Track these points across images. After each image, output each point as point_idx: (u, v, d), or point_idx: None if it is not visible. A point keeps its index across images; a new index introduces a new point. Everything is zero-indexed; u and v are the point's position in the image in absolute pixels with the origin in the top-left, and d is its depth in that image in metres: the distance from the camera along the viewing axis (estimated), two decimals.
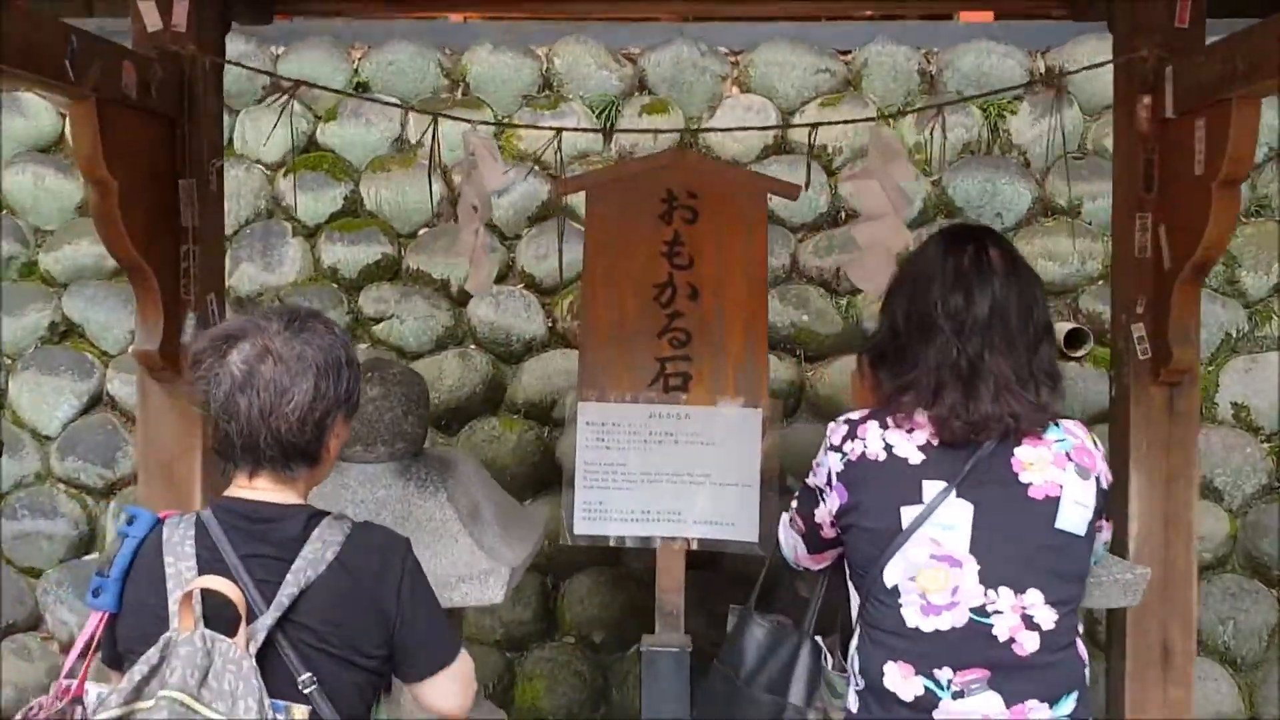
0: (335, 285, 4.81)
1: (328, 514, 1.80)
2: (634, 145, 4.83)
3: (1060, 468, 1.92)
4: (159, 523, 1.79)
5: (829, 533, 2.06)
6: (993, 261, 1.97)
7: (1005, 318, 1.93)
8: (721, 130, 4.50)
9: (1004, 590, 1.86)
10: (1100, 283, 4.68)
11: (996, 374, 1.89)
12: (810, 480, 2.08)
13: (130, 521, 1.79)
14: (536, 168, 4.77)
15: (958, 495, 1.88)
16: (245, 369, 1.72)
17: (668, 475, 3.15)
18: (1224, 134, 2.39)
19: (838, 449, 1.97)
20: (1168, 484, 2.76)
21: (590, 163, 4.82)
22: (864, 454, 1.93)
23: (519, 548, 2.80)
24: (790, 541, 2.21)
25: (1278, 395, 4.48)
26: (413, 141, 4.94)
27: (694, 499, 3.14)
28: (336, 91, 4.67)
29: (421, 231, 4.88)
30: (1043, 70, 4.92)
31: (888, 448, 1.92)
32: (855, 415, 2.02)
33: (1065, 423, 1.98)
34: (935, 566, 1.87)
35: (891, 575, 1.90)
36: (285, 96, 2.85)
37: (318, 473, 1.85)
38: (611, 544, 3.19)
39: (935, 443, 1.91)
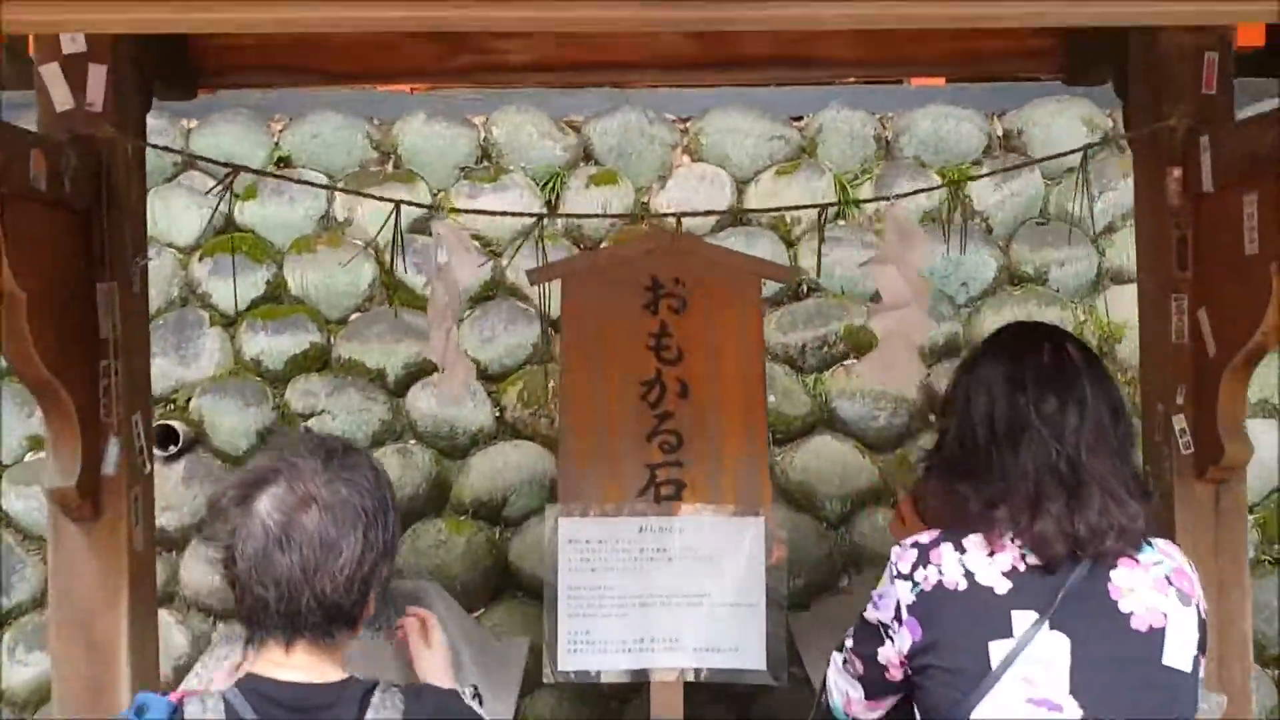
0: (259, 379, 4.38)
1: (374, 685, 1.58)
2: (582, 218, 4.53)
3: (1162, 594, 1.71)
4: (176, 709, 1.52)
5: (895, 675, 1.81)
6: (1076, 359, 1.82)
7: (1099, 419, 1.77)
8: (688, 214, 4.21)
9: None
10: None
11: (1099, 480, 1.72)
12: (870, 614, 1.82)
13: (140, 712, 1.51)
14: (478, 244, 4.43)
15: (1051, 627, 1.67)
16: (282, 519, 1.52)
17: (661, 597, 2.81)
18: None
19: (907, 578, 1.75)
20: (1220, 593, 2.51)
21: (534, 238, 4.48)
22: (940, 583, 1.72)
23: (504, 695, 2.44)
24: (843, 687, 1.93)
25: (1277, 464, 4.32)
26: (340, 219, 4.57)
27: (692, 623, 2.80)
28: (276, 175, 4.27)
29: (353, 317, 4.49)
30: (1000, 134, 4.78)
31: (968, 575, 1.72)
32: (924, 538, 1.79)
33: (1158, 542, 1.78)
34: (1032, 711, 1.65)
35: (984, 713, 1.67)
36: (219, 182, 2.47)
37: (354, 635, 1.64)
38: (602, 679, 2.82)
39: (1022, 568, 1.72)
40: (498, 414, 4.37)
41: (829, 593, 4.18)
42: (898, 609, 1.76)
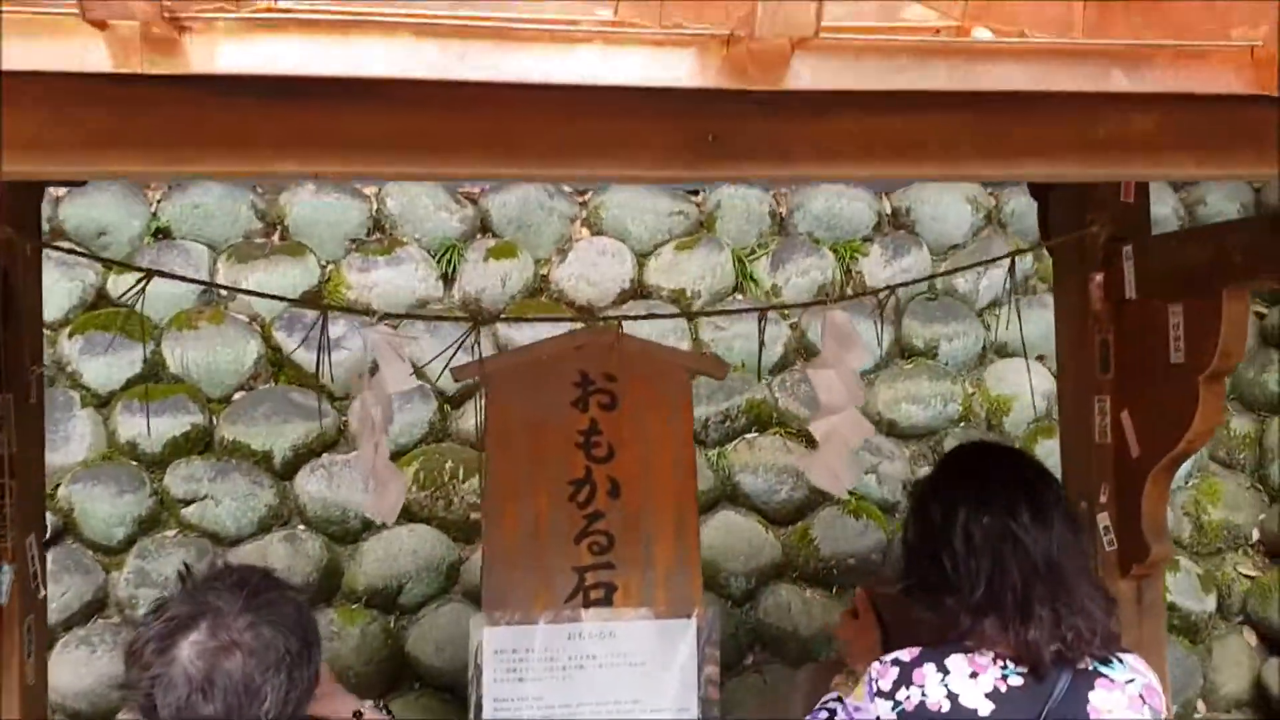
0: (135, 463, 4.12)
1: None
2: (480, 291, 4.43)
3: (1138, 713, 1.77)
4: None
5: None
6: (1037, 472, 1.93)
7: (1066, 524, 1.85)
8: (633, 318, 4.15)
9: None
10: (962, 425, 4.62)
11: (1076, 587, 1.79)
12: (842, 717, 1.87)
13: None
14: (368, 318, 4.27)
15: None
16: (204, 667, 1.50)
17: (591, 705, 2.71)
18: (1212, 326, 2.25)
19: (888, 696, 1.78)
20: None
21: (432, 310, 4.37)
22: (924, 704, 1.75)
23: None
24: None
25: None
26: (223, 293, 4.34)
27: None
28: (197, 283, 4.01)
29: (237, 395, 4.26)
30: (889, 211, 4.88)
31: (951, 696, 1.74)
32: (905, 656, 1.81)
33: (1126, 658, 1.85)
34: None
35: None
36: (134, 286, 2.30)
37: None
38: None
39: (1004, 689, 1.75)
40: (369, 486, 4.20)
41: (733, 672, 4.14)
42: None
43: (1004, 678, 1.77)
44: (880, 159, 1.23)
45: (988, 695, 1.76)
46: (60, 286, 4.19)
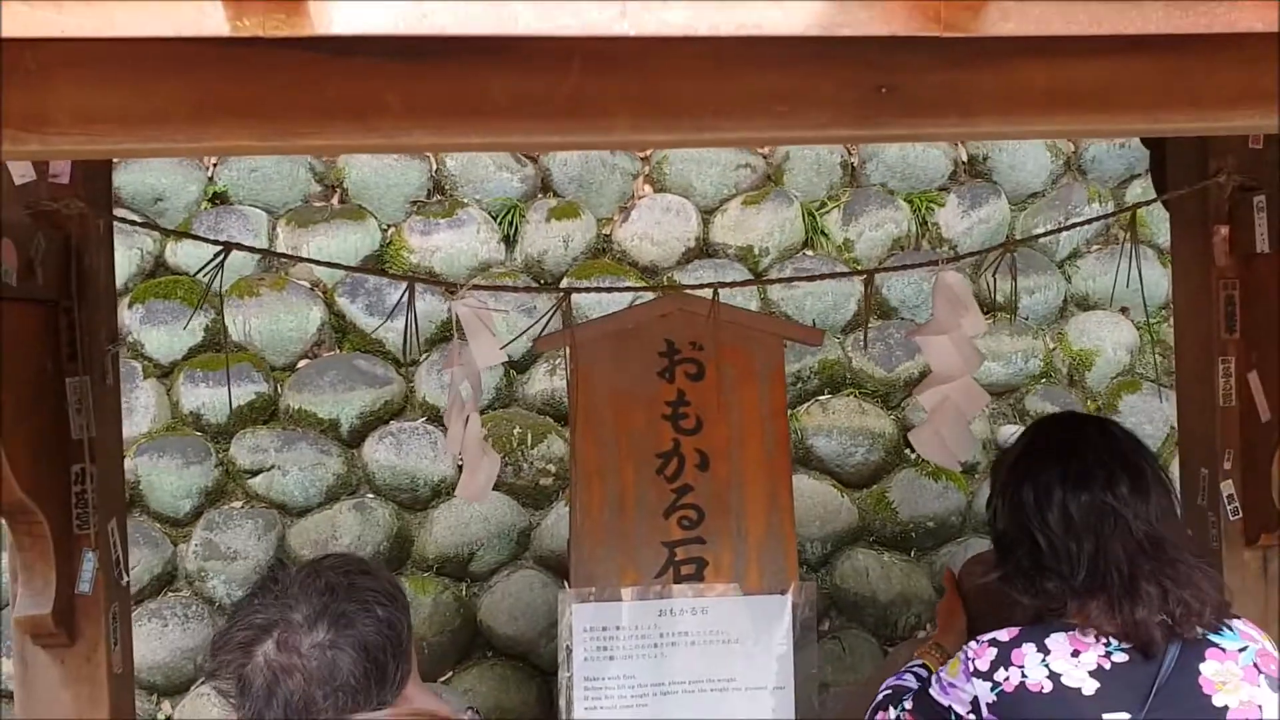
0: (200, 434, 4.06)
1: None
2: (542, 253, 4.31)
3: (1254, 684, 1.66)
4: None
5: None
6: (1124, 440, 1.83)
7: (1168, 498, 1.76)
8: (718, 285, 4.02)
9: None
10: (1043, 381, 4.46)
11: (1178, 551, 1.71)
12: (937, 694, 1.79)
13: None
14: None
15: None
16: (269, 678, 1.49)
17: (684, 685, 2.62)
18: None
19: (986, 676, 1.70)
20: None
21: (494, 274, 4.26)
22: (1024, 684, 1.66)
23: None
24: None
25: None
26: (284, 259, 4.25)
27: (717, 709, 2.62)
28: (272, 254, 3.92)
29: (301, 364, 4.19)
30: (965, 160, 4.70)
31: (1053, 676, 1.66)
32: (1003, 636, 1.73)
33: (1236, 624, 1.74)
34: None
35: None
36: (209, 264, 2.20)
37: None
38: None
39: (1108, 666, 1.66)
40: (460, 463, 4.12)
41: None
42: (975, 706, 1.70)
43: (1108, 655, 1.68)
44: (1071, 110, 1.08)
45: (1091, 674, 1.67)
46: (118, 255, 4.10)
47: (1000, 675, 1.68)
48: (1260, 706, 1.65)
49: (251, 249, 2.67)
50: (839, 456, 4.25)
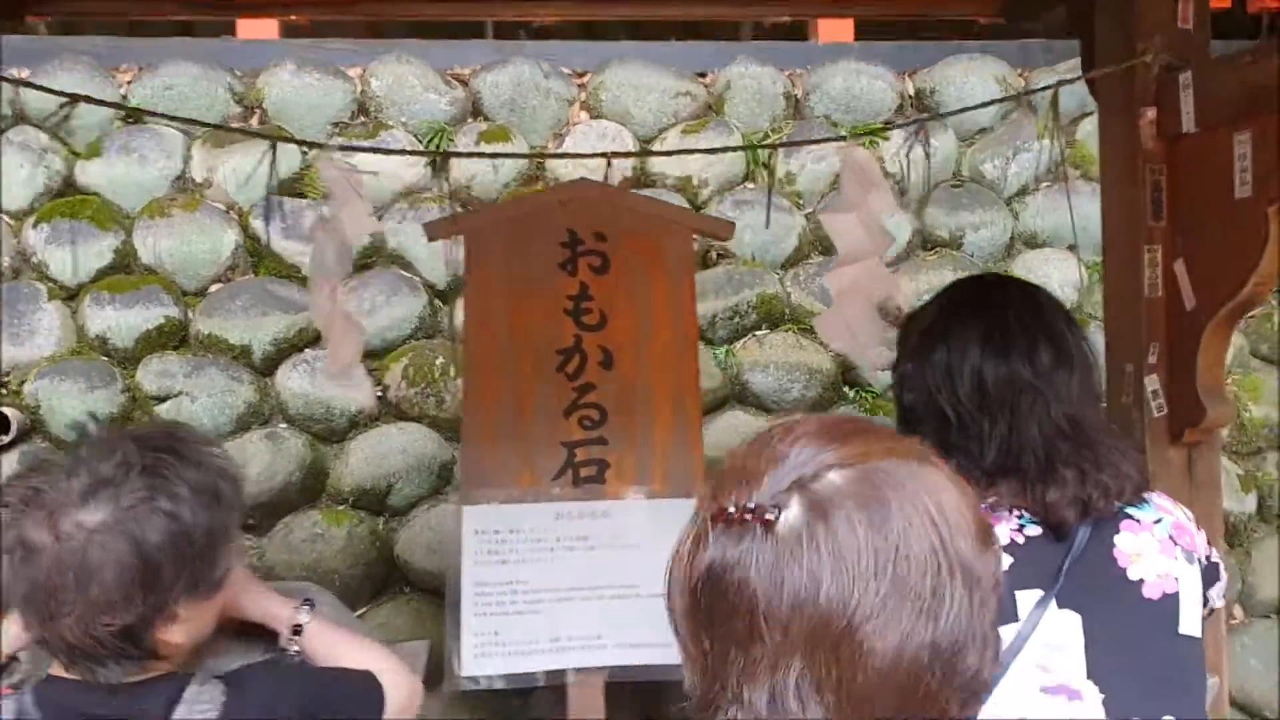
0: (105, 358, 3.88)
1: (190, 677, 1.46)
2: (470, 178, 4.14)
3: (1170, 556, 1.53)
4: None
5: None
6: (1050, 308, 1.66)
7: (1085, 367, 1.61)
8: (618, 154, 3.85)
9: None
10: None
11: (1096, 433, 1.56)
12: None
13: None
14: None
15: (1059, 605, 1.47)
16: (20, 553, 1.37)
17: (581, 591, 2.48)
18: None
19: None
20: None
21: (419, 199, 4.10)
22: None
23: None
24: None
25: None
26: (198, 179, 4.08)
27: (616, 618, 2.48)
28: (126, 109, 3.72)
29: (214, 288, 4.01)
30: (912, 93, 4.57)
31: None
32: None
33: (1152, 496, 1.59)
34: (1048, 703, 1.45)
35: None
36: (60, 113, 2.03)
37: (172, 659, 1.48)
38: (514, 684, 2.48)
39: (1020, 540, 1.50)
40: (380, 393, 3.96)
41: None
42: None
43: (1020, 529, 1.53)
44: None
45: (1005, 549, 1.50)
46: (23, 174, 3.94)
47: None
48: (1176, 579, 1.51)
49: (102, 103, 2.46)
50: (775, 392, 4.11)
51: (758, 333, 4.19)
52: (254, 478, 3.79)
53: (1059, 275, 4.34)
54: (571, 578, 2.47)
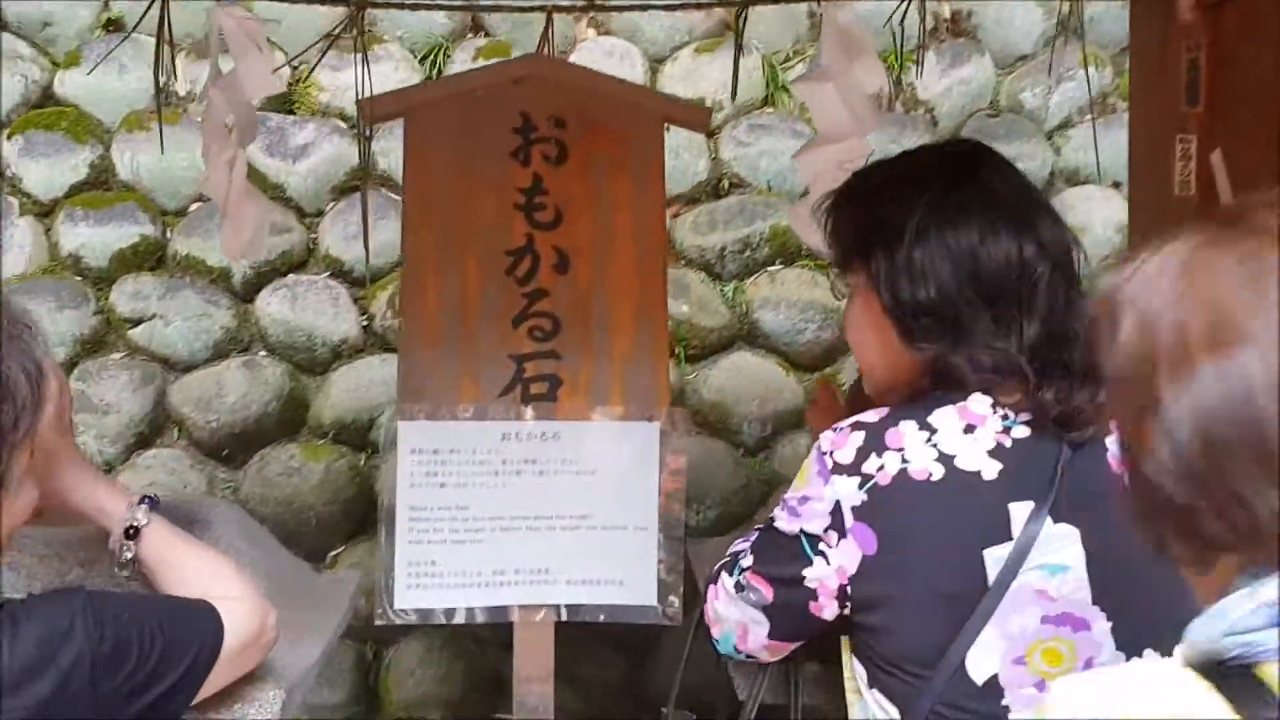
0: (79, 277, 3.70)
1: None
2: None
3: None
4: None
5: (825, 609, 1.36)
6: (1027, 180, 1.50)
7: (1070, 247, 1.40)
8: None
9: (1150, 656, 1.26)
10: None
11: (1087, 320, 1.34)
12: (785, 524, 1.38)
13: None
14: (342, 124, 3.78)
15: (1055, 520, 1.29)
16: None
17: (528, 520, 2.22)
18: None
19: (850, 470, 1.31)
20: None
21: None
22: (905, 473, 1.30)
23: (314, 638, 1.84)
24: (738, 618, 1.47)
25: None
26: (181, 92, 3.87)
27: (567, 551, 2.23)
28: None
29: (193, 207, 3.81)
30: (947, 16, 4.22)
31: (945, 459, 1.30)
32: (870, 417, 1.36)
33: None
34: (1054, 635, 1.28)
35: (982, 662, 1.27)
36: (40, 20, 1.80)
37: None
38: (453, 619, 2.23)
39: (1008, 443, 1.31)
40: (364, 323, 3.75)
41: (743, 525, 3.64)
42: (836, 514, 1.32)
43: (1007, 430, 1.31)
44: None
45: (991, 453, 1.30)
46: (3, 83, 3.76)
47: (871, 465, 1.31)
48: None
49: None
50: (787, 333, 3.82)
51: (770, 268, 3.89)
52: (230, 407, 3.61)
53: (1102, 214, 3.99)
54: (518, 505, 2.22)
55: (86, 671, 1.24)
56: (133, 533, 1.49)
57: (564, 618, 2.26)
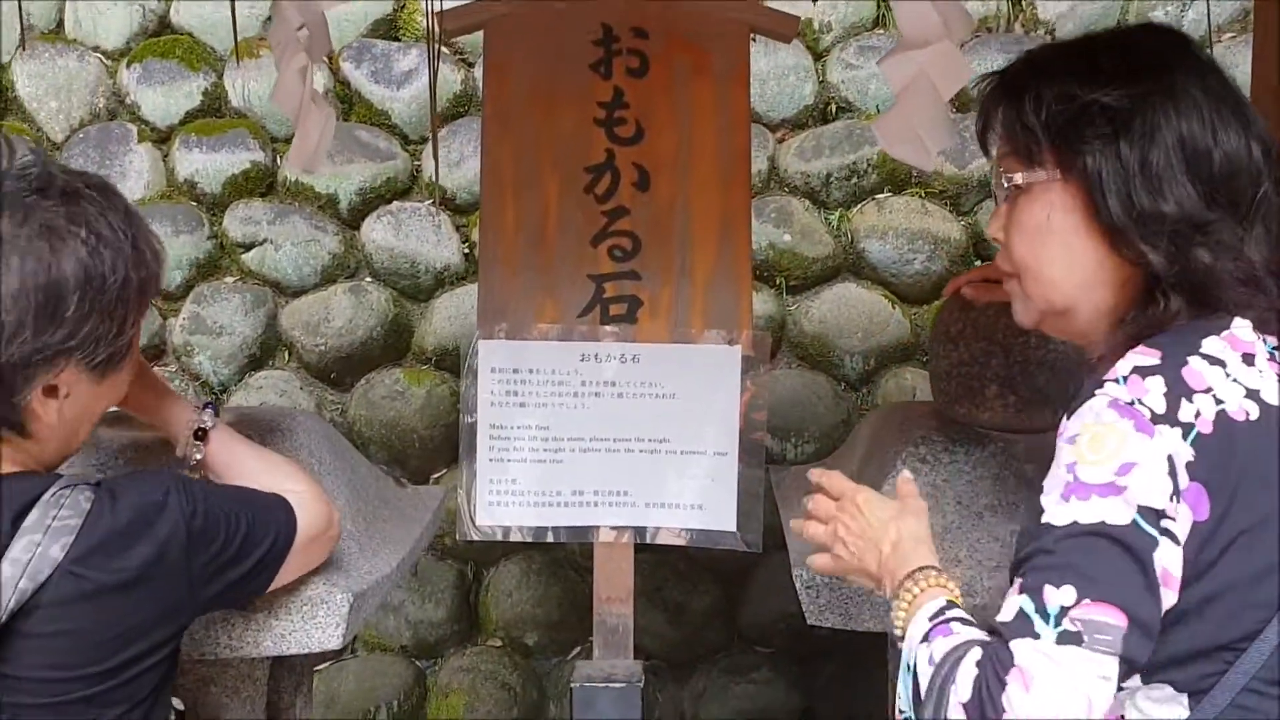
0: (194, 202, 3.80)
1: (56, 479, 1.30)
2: None
3: None
4: None
5: (1169, 600, 1.09)
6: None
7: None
8: None
9: None
10: None
11: None
12: (1104, 512, 1.07)
13: None
14: (446, 50, 3.78)
15: None
16: None
17: (607, 442, 2.21)
18: None
19: (1170, 419, 1.10)
20: None
21: None
22: (1225, 414, 1.12)
23: (379, 557, 1.86)
24: (1085, 684, 1.04)
25: None
26: None
27: (646, 474, 2.21)
28: None
29: None
30: None
31: (1253, 394, 1.14)
32: (1145, 358, 1.15)
33: None
34: None
35: None
36: None
37: (42, 446, 1.33)
38: (531, 537, 2.25)
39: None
40: (466, 250, 3.76)
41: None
42: (1174, 476, 1.08)
43: (1272, 356, 1.19)
44: None
45: None
46: (118, 12, 3.86)
47: (1187, 412, 1.11)
48: None
49: None
50: (894, 264, 3.71)
51: (878, 196, 3.77)
52: (336, 331, 3.68)
53: None
54: (597, 426, 2.21)
55: (182, 543, 1.31)
56: (201, 434, 1.54)
57: (639, 539, 2.25)
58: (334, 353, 3.68)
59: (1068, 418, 1.15)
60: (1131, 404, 1.10)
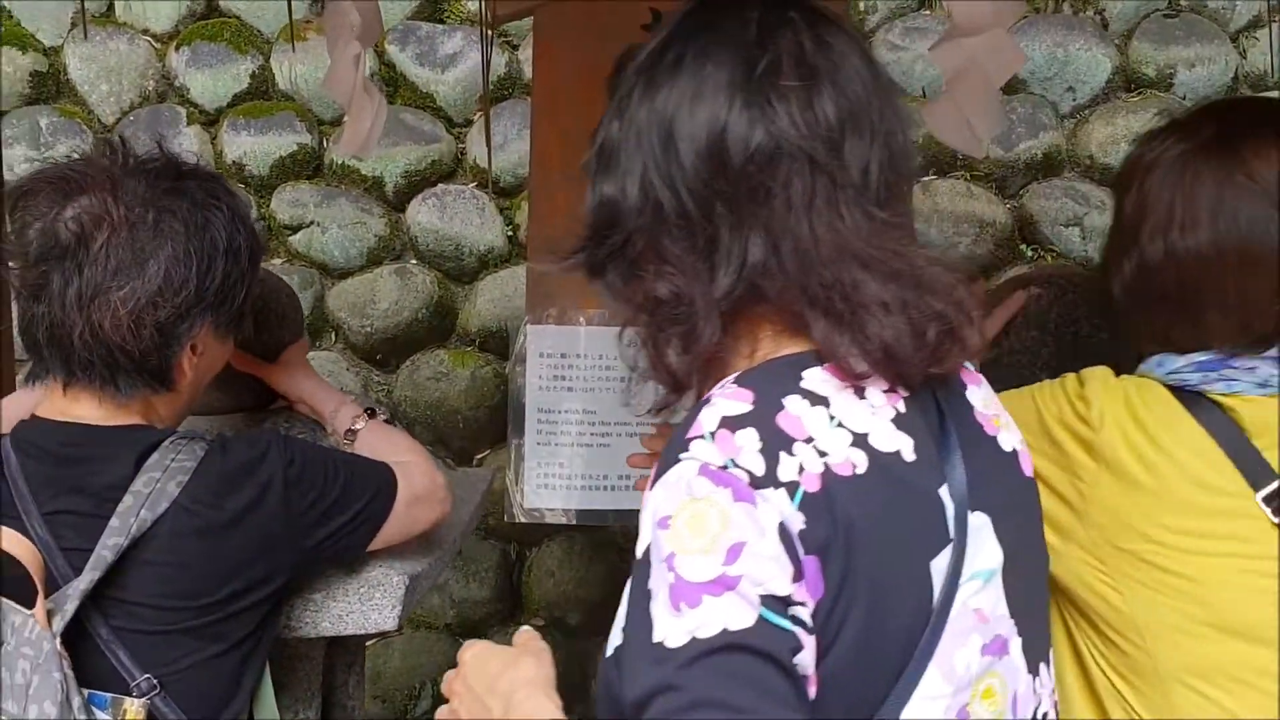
0: (241, 184, 3.84)
1: (172, 433, 1.45)
2: None
3: (1000, 411, 1.08)
4: None
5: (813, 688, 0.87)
6: (840, 24, 1.06)
7: (889, 132, 1.06)
8: None
9: (1043, 671, 1.03)
10: None
11: (908, 242, 1.09)
12: (722, 612, 0.83)
13: None
14: (491, 32, 3.78)
15: (972, 507, 0.96)
16: (75, 231, 1.37)
17: (655, 426, 2.23)
18: None
19: (772, 481, 0.88)
20: None
21: None
22: (830, 472, 0.90)
23: (430, 541, 1.90)
24: None
25: None
26: None
27: None
28: None
29: (348, 116, 3.89)
30: None
31: (860, 441, 0.92)
32: (728, 401, 0.92)
33: None
34: (989, 669, 0.95)
35: (925, 709, 0.89)
36: None
37: (173, 401, 1.49)
38: (580, 520, 2.28)
39: (902, 408, 0.96)
40: (510, 233, 3.79)
41: None
42: (790, 551, 0.86)
43: (891, 388, 0.96)
44: None
45: (894, 422, 0.94)
46: None
47: (788, 468, 0.88)
48: (1018, 438, 1.07)
49: None
50: (940, 247, 3.69)
51: (923, 178, 3.75)
52: (382, 313, 3.72)
53: None
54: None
55: (280, 488, 1.43)
56: (350, 435, 1.71)
57: None
58: (380, 334, 3.72)
59: (651, 486, 0.91)
60: (725, 468, 0.87)
